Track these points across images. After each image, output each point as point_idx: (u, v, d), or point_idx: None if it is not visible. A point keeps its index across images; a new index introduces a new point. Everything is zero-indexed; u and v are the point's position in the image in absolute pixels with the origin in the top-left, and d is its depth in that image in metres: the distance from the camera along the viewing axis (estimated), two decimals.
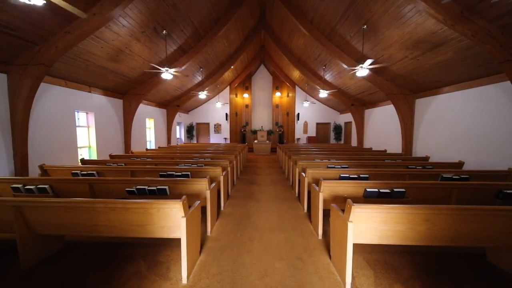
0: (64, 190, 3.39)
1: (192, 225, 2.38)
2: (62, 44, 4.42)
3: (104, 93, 7.23)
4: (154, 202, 2.19)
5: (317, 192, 3.19)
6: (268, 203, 4.66)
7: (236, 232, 3.31)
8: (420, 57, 5.59)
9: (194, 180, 3.27)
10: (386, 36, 5.53)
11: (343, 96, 11.06)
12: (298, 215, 3.98)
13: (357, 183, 3.13)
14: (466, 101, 5.63)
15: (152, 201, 2.20)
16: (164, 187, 3.19)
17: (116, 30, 5.08)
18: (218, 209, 4.18)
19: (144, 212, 2.23)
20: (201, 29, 7.22)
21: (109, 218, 2.29)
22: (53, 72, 5.35)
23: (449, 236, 2.12)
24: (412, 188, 3.08)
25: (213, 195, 3.45)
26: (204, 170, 4.36)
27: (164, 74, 6.15)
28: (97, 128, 7.01)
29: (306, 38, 8.21)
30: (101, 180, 3.41)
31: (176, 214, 2.20)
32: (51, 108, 5.45)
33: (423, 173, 4.13)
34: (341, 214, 2.23)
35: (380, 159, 6.16)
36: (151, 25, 5.63)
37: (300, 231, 3.31)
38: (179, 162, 5.36)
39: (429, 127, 6.98)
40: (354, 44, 6.74)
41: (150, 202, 2.19)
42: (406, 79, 6.87)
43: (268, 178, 6.95)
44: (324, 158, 6.15)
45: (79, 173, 4.34)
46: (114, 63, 6.10)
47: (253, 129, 15.88)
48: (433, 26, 4.55)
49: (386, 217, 2.08)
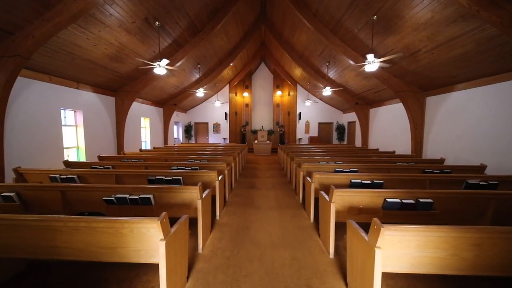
0: (34, 199, 2.92)
1: (175, 247, 1.92)
2: (39, 33, 3.95)
3: (94, 90, 6.77)
4: (127, 220, 1.72)
5: (327, 202, 2.72)
6: (269, 210, 4.19)
7: (232, 248, 2.84)
8: (435, 50, 5.12)
9: (183, 188, 2.80)
10: (398, 27, 5.06)
11: (347, 95, 10.59)
12: (303, 226, 3.50)
13: (374, 192, 2.66)
14: (486, 99, 5.16)
15: (124, 219, 1.73)
16: (148, 195, 2.73)
17: (102, 19, 4.61)
18: (213, 219, 3.71)
19: (115, 233, 1.77)
20: (198, 22, 6.76)
21: (72, 239, 1.82)
22: (34, 66, 4.88)
23: (503, 264, 1.65)
24: (440, 198, 2.61)
25: (206, 205, 2.98)
26: (198, 174, 3.90)
27: (156, 69, 5.68)
28: (85, 127, 6.54)
29: (309, 32, 7.74)
30: (77, 187, 2.94)
31: (154, 235, 1.74)
32: (32, 105, 4.98)
33: (444, 179, 3.66)
34: (363, 236, 1.76)
35: (390, 161, 5.69)
36: (141, 15, 5.16)
37: (307, 247, 2.84)
38: (173, 165, 4.90)
39: (442, 127, 6.50)
40: (362, 38, 6.27)
41: (121, 221, 1.73)
42: (417, 75, 6.40)
43: (269, 181, 6.49)
44: (329, 160, 5.68)
45: (58, 177, 3.87)
46: (102, 57, 5.63)
47: (253, 129, 15.40)
48: (452, 13, 4.08)
49: (424, 241, 1.62)
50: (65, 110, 6.12)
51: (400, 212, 2.60)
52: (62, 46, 4.71)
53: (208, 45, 8.34)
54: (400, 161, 5.49)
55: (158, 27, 5.69)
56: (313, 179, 3.70)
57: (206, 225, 3.05)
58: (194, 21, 6.62)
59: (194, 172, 3.95)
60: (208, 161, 5.42)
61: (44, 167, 4.82)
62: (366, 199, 2.65)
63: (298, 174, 5.03)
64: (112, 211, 2.80)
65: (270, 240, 3.03)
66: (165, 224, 1.74)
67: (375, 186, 3.49)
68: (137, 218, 1.73)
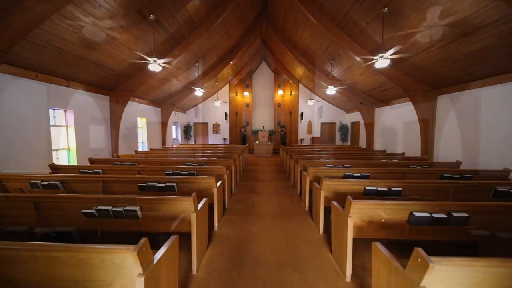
0: (4, 210, 2.54)
1: (161, 280, 1.54)
2: (19, 25, 3.58)
3: (86, 88, 6.39)
4: (95, 249, 1.35)
5: (343, 215, 2.33)
6: (272, 219, 3.80)
7: (232, 268, 2.45)
8: (450, 45, 4.73)
9: (175, 199, 2.42)
10: (412, 19, 4.66)
11: (352, 94, 10.19)
12: (312, 239, 3.11)
13: (399, 204, 2.27)
14: (507, 97, 4.76)
15: (92, 247, 1.35)
16: (134, 208, 2.35)
17: (91, 11, 4.23)
18: (210, 230, 3.33)
19: (81, 263, 1.39)
20: (196, 17, 6.38)
21: (29, 270, 1.44)
22: (18, 62, 4.49)
23: None
24: (475, 211, 2.22)
25: (201, 218, 2.60)
26: (194, 180, 3.52)
27: (151, 65, 5.30)
28: (77, 128, 6.16)
29: (313, 28, 7.36)
30: (51, 198, 2.56)
31: (131, 266, 1.35)
32: (16, 104, 4.60)
33: (469, 186, 3.26)
34: (398, 267, 1.38)
35: (402, 164, 5.30)
36: (134, 7, 4.78)
37: (318, 268, 2.45)
38: (168, 169, 4.51)
39: (455, 128, 6.10)
40: (370, 33, 5.88)
41: (88, 249, 1.35)
42: (428, 72, 6.00)
43: (271, 185, 6.10)
44: (336, 163, 5.27)
45: (39, 183, 3.49)
46: (93, 53, 5.26)
47: (254, 129, 15.01)
48: (474, 3, 3.69)
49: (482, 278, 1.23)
50: (55, 109, 5.75)
51: (429, 228, 2.22)
52: (48, 40, 4.33)
53: (207, 42, 7.97)
54: (412, 164, 5.10)
55: (153, 21, 5.31)
56: (322, 186, 3.31)
57: (202, 240, 2.67)
58: (192, 16, 6.24)
59: (190, 178, 3.58)
60: (206, 164, 5.04)
61: (31, 171, 4.45)
62: (390, 211, 2.26)
63: (303, 179, 4.65)
64: (93, 225, 2.42)
65: (275, 257, 2.65)
66: (145, 254, 1.35)
67: (393, 194, 3.10)
68: (109, 246, 1.34)
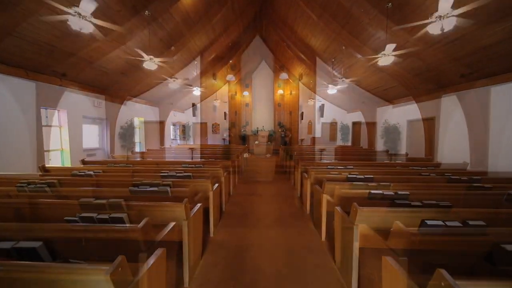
0: None
1: None
2: (3, 20, 3.40)
3: (80, 88, 6.19)
4: (64, 269, 1.16)
5: (348, 222, 2.15)
6: (272, 224, 3.61)
7: (228, 280, 2.26)
8: (457, 41, 4.54)
9: (165, 206, 2.24)
10: (418, 14, 4.47)
11: (353, 93, 10.00)
12: (314, 246, 2.91)
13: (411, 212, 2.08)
14: None
15: (61, 266, 1.17)
16: (120, 215, 2.16)
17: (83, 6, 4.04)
18: (206, 236, 3.14)
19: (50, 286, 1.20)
20: (193, 13, 6.19)
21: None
22: (6, 59, 4.31)
23: None
24: (492, 219, 2.04)
25: (195, 226, 2.42)
26: (189, 183, 3.33)
27: (146, 63, 5.12)
28: (70, 128, 5.97)
29: (313, 27, 7.18)
30: (36, 204, 2.38)
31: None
32: (6, 104, 4.42)
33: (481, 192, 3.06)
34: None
35: (405, 165, 5.11)
36: (128, 3, 4.60)
37: (322, 280, 2.25)
38: (163, 170, 4.32)
39: (460, 128, 5.90)
40: (372, 30, 5.70)
41: (55, 269, 1.16)
42: (434, 70, 5.81)
43: (271, 187, 5.91)
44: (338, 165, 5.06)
45: (25, 187, 3.30)
46: (85, 50, 5.06)
47: (253, 129, 14.82)
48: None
49: None
50: (47, 109, 5.57)
51: (442, 238, 2.03)
52: (38, 36, 4.15)
53: (206, 40, 7.79)
54: (417, 166, 4.91)
55: (148, 17, 5.13)
56: (324, 189, 3.12)
57: (195, 250, 2.48)
58: (189, 13, 6.05)
59: (185, 181, 3.39)
60: (202, 165, 4.85)
61: (21, 173, 4.27)
62: (399, 220, 2.07)
63: (304, 181, 4.46)
64: (77, 233, 2.24)
65: (275, 268, 2.46)
66: (122, 274, 1.16)
67: (400, 199, 2.91)
68: (80, 265, 1.16)
